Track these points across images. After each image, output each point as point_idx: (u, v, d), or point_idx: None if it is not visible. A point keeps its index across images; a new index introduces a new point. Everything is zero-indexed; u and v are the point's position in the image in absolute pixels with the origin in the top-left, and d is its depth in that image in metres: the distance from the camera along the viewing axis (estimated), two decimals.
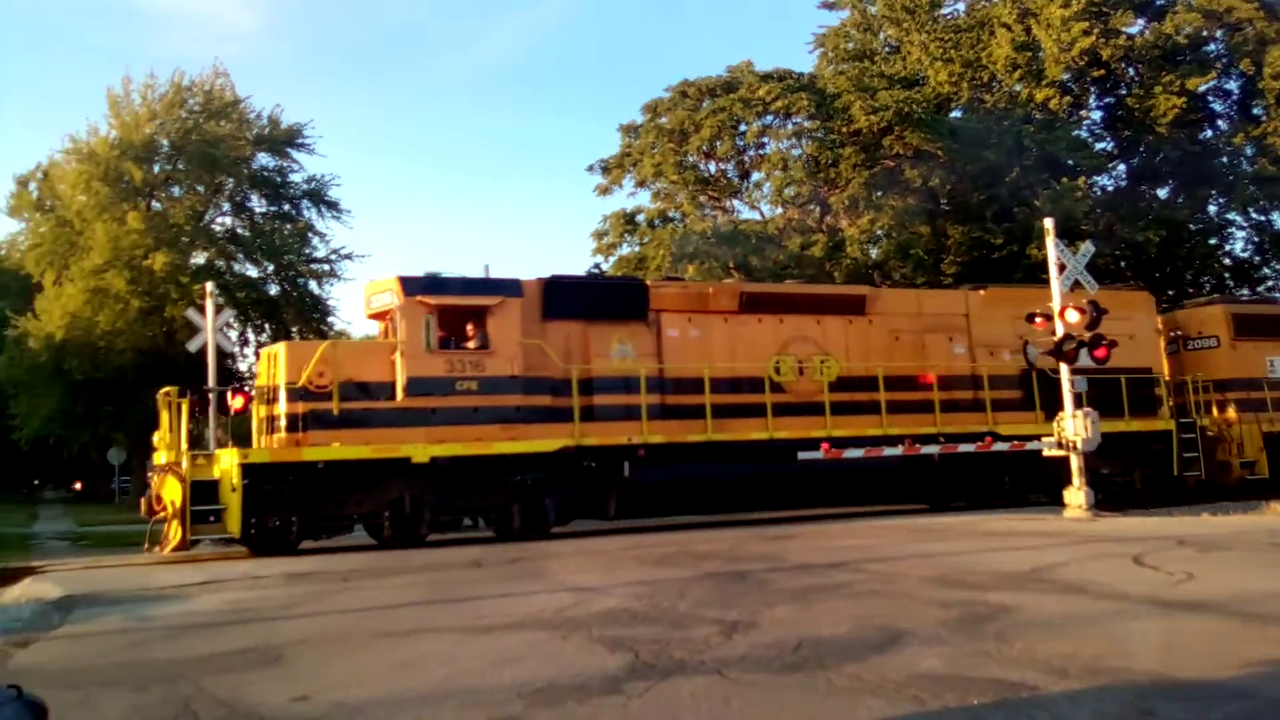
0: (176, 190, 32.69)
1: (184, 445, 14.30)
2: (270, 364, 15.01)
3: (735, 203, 34.50)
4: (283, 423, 14.27)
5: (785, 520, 17.24)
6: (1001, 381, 18.59)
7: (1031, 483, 18.44)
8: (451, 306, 15.30)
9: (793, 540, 13.57)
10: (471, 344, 15.38)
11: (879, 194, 30.50)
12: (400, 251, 79.58)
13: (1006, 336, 18.62)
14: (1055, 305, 16.27)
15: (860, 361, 17.87)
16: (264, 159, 33.94)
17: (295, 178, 34.37)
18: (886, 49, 36.45)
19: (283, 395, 14.44)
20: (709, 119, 31.78)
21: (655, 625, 7.82)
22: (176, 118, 32.02)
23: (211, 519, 13.75)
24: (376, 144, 66.77)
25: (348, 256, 34.48)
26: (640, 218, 34.08)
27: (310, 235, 34.01)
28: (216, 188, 32.67)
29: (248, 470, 13.64)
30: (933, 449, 17.23)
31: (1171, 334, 21.75)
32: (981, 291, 19.57)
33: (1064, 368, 16.30)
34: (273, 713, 5.82)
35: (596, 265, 34.87)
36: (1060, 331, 16.10)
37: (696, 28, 66.71)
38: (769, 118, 31.80)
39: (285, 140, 33.69)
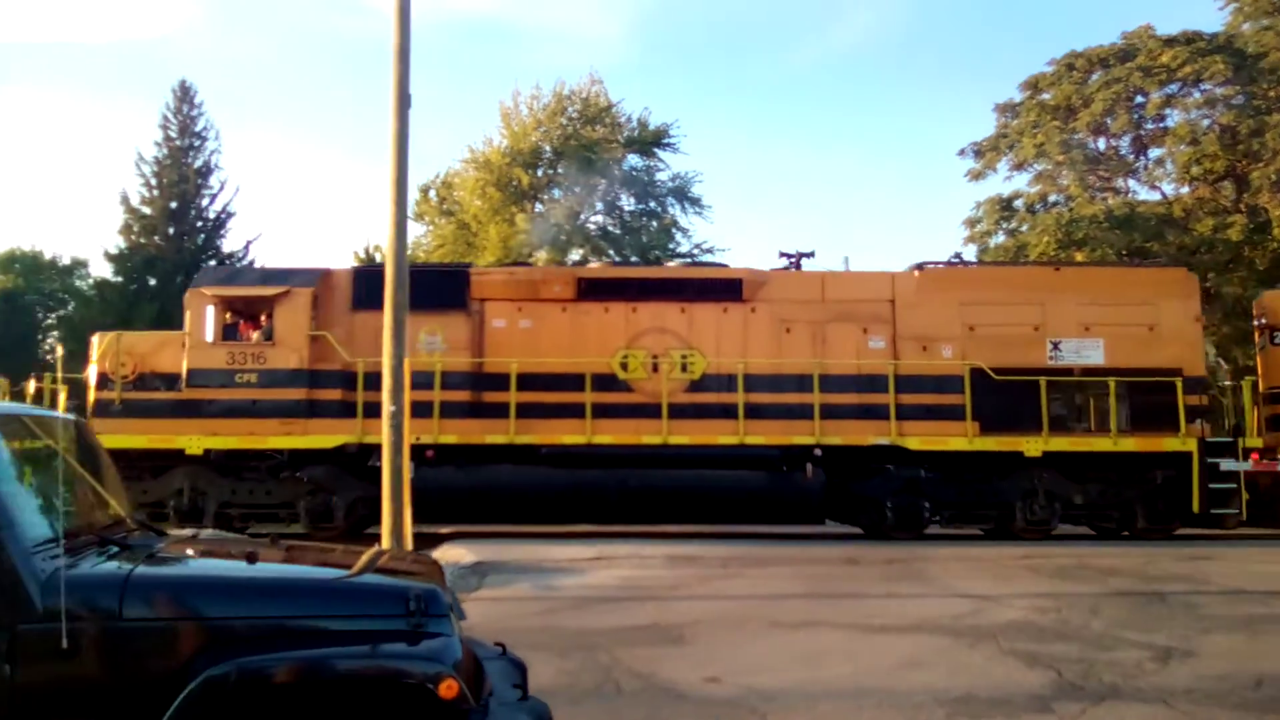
0: (557, 192, 35.50)
1: None
2: (92, 353, 15.08)
3: (1130, 182, 31.20)
4: (89, 411, 14.35)
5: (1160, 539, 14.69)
6: (922, 383, 14.74)
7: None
8: (237, 298, 14.84)
9: (1211, 561, 11.92)
10: (254, 336, 14.79)
11: None
12: (763, 245, 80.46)
13: (948, 327, 14.98)
14: None
15: (736, 357, 14.85)
16: (633, 160, 35.93)
17: (661, 176, 36.03)
18: None
19: (92, 384, 14.65)
20: (1100, 92, 28.86)
21: (1071, 643, 7.20)
22: (558, 125, 34.81)
23: None
24: (736, 139, 68.26)
25: (709, 250, 35.57)
26: (1018, 203, 31.83)
27: (674, 231, 35.52)
28: (591, 188, 35.04)
29: None
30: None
31: (1259, 322, 16.26)
32: (917, 273, 15.58)
33: None
34: (688, 690, 5.96)
35: (957, 254, 32.94)
36: None
37: None
38: (1173, 86, 28.31)
39: (652, 141, 35.40)
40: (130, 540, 3.95)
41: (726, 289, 15.34)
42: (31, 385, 15.13)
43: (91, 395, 14.55)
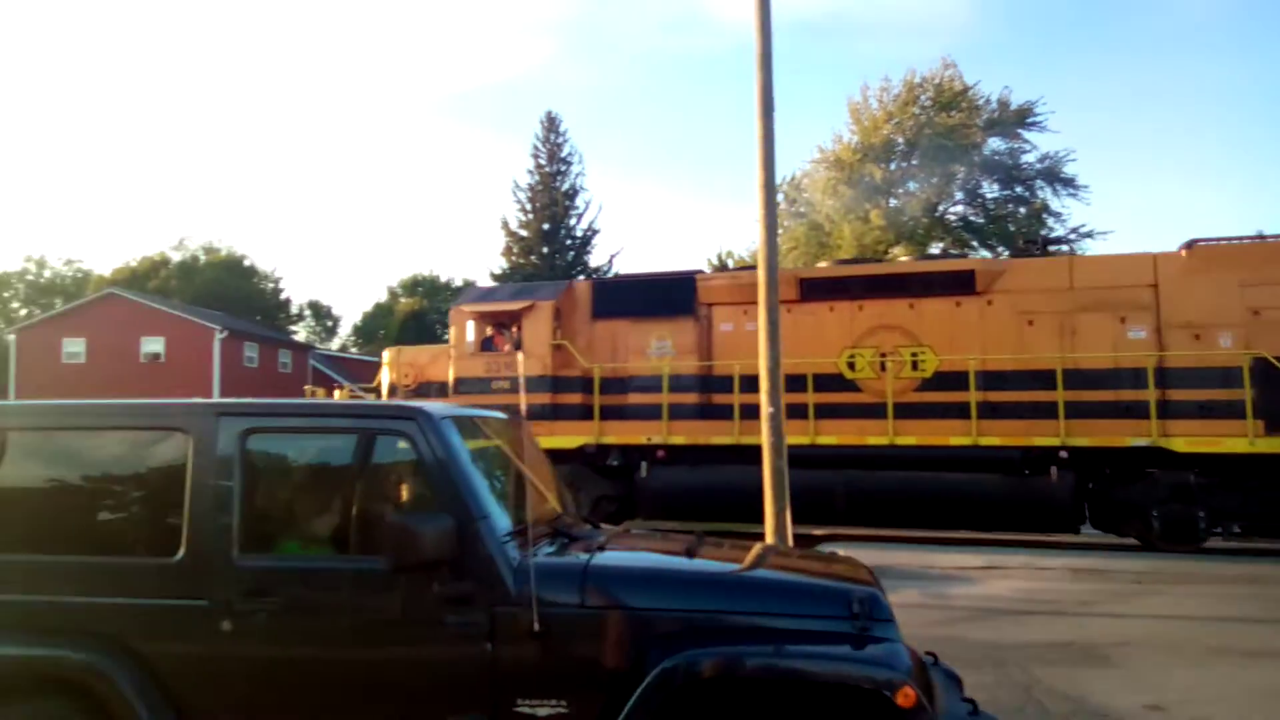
0: (912, 185, 34.23)
1: None
2: (383, 365, 17.22)
3: None
4: None
5: None
6: (1192, 377, 12.83)
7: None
8: (491, 313, 16.20)
9: None
10: (507, 347, 15.87)
11: None
12: (1155, 226, 72.34)
13: (1226, 312, 12.89)
14: None
15: (970, 353, 13.86)
16: (995, 143, 33.69)
17: (1027, 158, 33.46)
18: None
19: (383, 392, 16.63)
20: None
21: None
22: (910, 115, 33.54)
23: None
24: (1117, 108, 61.95)
25: (1088, 234, 32.47)
26: None
27: (1045, 216, 32.83)
28: (949, 177, 33.38)
29: None
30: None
31: None
32: (1184, 252, 13.51)
33: None
34: (1128, 717, 5.34)
35: None
36: None
37: None
38: None
39: (1015, 121, 32.97)
40: (574, 531, 4.21)
41: (958, 281, 14.60)
42: (336, 394, 17.55)
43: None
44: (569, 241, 41.37)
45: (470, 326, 16.37)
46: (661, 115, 78.14)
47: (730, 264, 37.70)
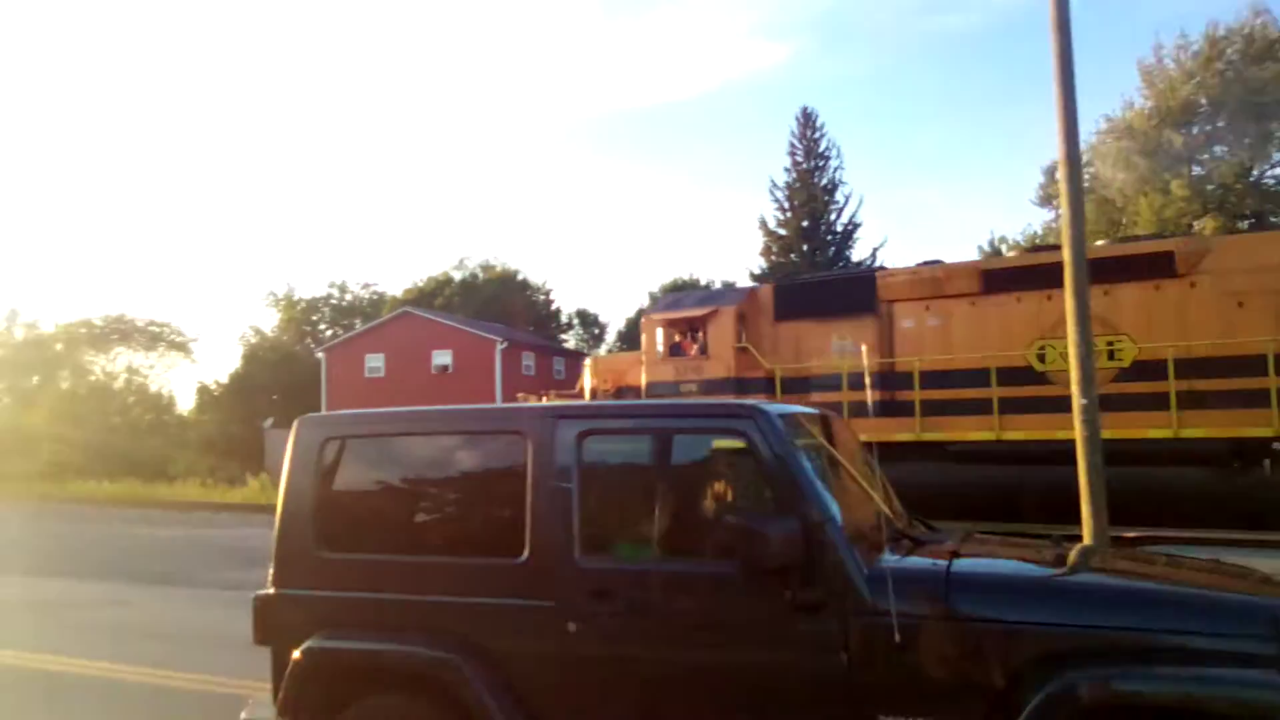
0: (1219, 149, 30.62)
1: None
2: (585, 372, 18.57)
3: None
4: None
5: None
6: None
7: None
8: (677, 320, 16.91)
9: None
10: (693, 351, 16.45)
11: None
12: None
13: None
14: None
15: (1173, 340, 13.10)
16: None
17: None
18: None
19: (586, 396, 17.57)
20: None
21: None
22: (1214, 72, 30.03)
23: None
24: None
25: None
26: None
27: None
28: (1265, 137, 29.54)
29: None
30: None
31: None
32: None
33: None
34: None
35: None
36: None
37: None
38: None
39: None
40: (913, 534, 3.91)
41: (1156, 264, 13.78)
42: (534, 400, 18.15)
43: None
44: (829, 237, 40.51)
45: (659, 334, 17.08)
46: (919, 99, 75.09)
47: (1005, 249, 35.36)
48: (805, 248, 39.97)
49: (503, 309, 52.03)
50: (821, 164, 40.96)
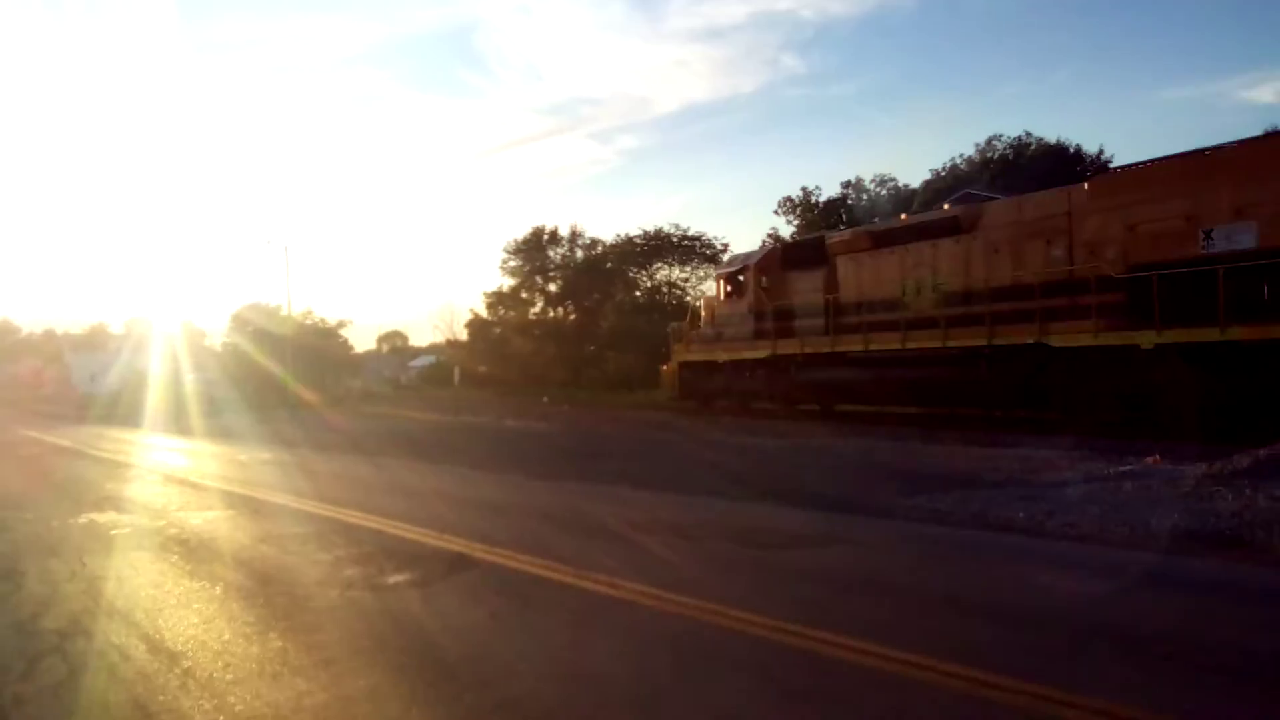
0: None
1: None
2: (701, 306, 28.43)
3: None
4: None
5: None
6: (1064, 288, 16.45)
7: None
8: (725, 274, 26.47)
9: None
10: (735, 295, 25.37)
11: None
12: None
13: (1111, 231, 15.82)
14: None
15: (965, 279, 18.62)
16: None
17: None
18: None
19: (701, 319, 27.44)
20: None
21: None
22: None
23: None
24: None
25: None
26: None
27: None
28: None
29: (681, 364, 27.57)
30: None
31: None
32: (1086, 185, 16.92)
33: None
34: None
35: None
36: None
37: None
38: None
39: None
40: None
41: (951, 226, 19.53)
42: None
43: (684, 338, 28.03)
44: None
45: (720, 285, 26.63)
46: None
47: None
48: None
49: None
50: None
